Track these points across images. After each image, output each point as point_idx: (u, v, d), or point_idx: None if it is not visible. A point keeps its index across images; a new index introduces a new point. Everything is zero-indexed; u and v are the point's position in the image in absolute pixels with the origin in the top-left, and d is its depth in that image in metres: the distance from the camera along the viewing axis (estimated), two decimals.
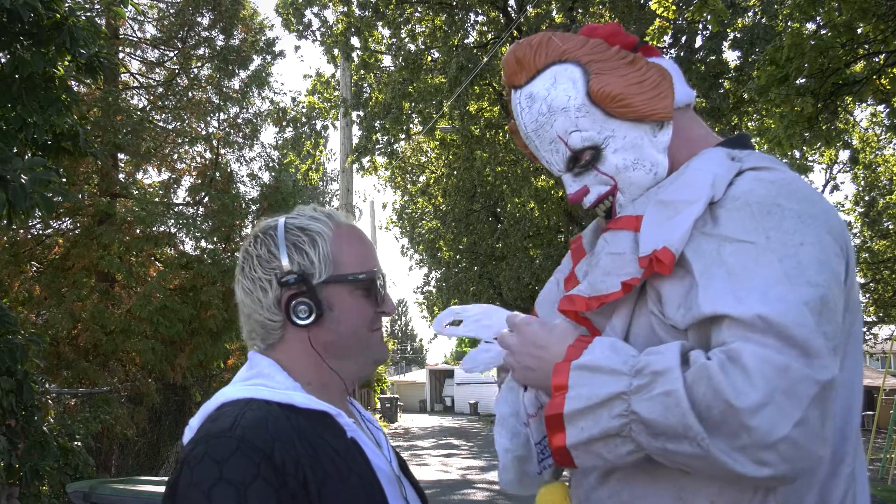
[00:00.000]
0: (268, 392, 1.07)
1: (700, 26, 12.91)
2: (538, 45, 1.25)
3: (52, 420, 6.56)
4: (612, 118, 1.21)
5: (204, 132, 11.68)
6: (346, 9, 15.34)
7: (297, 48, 52.97)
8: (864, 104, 13.66)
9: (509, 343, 1.18)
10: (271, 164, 12.68)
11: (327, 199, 40.26)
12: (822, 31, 7.74)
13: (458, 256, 21.90)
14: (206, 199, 11.03)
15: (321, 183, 35.44)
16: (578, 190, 1.26)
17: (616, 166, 1.21)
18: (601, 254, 1.18)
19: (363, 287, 1.15)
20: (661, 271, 1.05)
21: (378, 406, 29.70)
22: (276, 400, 1.06)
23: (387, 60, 17.15)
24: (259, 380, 1.11)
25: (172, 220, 10.69)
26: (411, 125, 16.51)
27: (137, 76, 12.06)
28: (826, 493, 1.04)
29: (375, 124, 15.10)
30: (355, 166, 16.19)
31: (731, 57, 18.20)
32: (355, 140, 16.59)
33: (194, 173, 11.68)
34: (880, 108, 13.91)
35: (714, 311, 0.97)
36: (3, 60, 4.69)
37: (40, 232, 10.31)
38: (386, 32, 16.20)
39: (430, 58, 15.59)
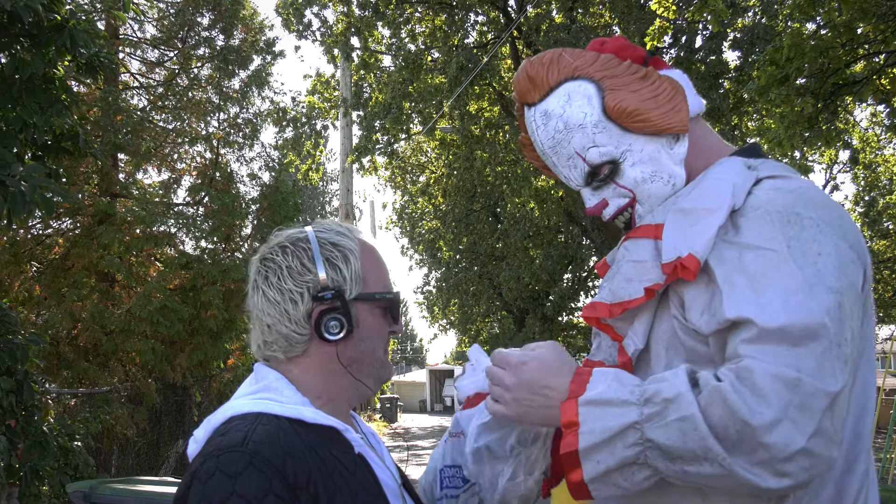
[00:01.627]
0: (277, 407, 1.07)
1: (700, 26, 12.90)
2: (549, 62, 1.26)
3: (52, 420, 6.56)
4: (629, 133, 1.23)
5: (204, 132, 11.68)
6: (346, 9, 15.33)
7: (297, 48, 52.96)
8: (864, 104, 13.66)
9: (505, 381, 1.15)
10: (271, 164, 12.68)
11: (327, 199, 40.27)
12: (822, 32, 7.73)
13: (458, 256, 21.89)
14: (206, 199, 11.02)
15: (321, 183, 35.43)
16: (598, 203, 1.28)
17: (634, 179, 1.24)
18: (622, 262, 1.20)
19: (383, 306, 1.17)
20: (686, 277, 1.07)
21: (378, 406, 29.70)
22: (285, 415, 1.06)
23: (387, 60, 17.15)
24: (267, 394, 1.10)
25: (172, 220, 10.69)
26: (411, 125, 16.50)
27: (137, 76, 12.06)
28: (842, 489, 1.06)
29: (375, 124, 15.09)
30: (355, 166, 16.17)
31: (731, 57, 18.20)
32: (355, 140, 16.57)
33: (194, 173, 11.67)
34: (880, 108, 13.90)
35: (738, 316, 0.99)
36: (3, 61, 4.70)
37: (40, 232, 10.31)
38: (386, 32, 16.20)
39: (430, 58, 15.58)
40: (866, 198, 21.07)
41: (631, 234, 1.23)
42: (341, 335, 1.10)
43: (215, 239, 10.90)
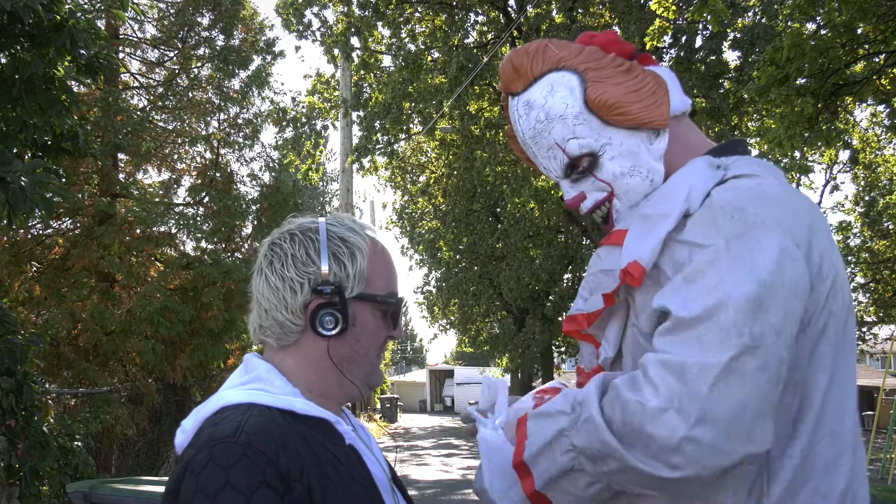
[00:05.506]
0: (268, 398, 1.07)
1: (700, 26, 12.90)
2: (535, 52, 1.26)
3: (52, 420, 6.56)
4: (610, 126, 1.22)
5: (204, 132, 11.68)
6: (346, 9, 15.34)
7: (297, 48, 53.06)
8: (864, 104, 13.66)
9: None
10: (271, 165, 12.68)
11: (327, 199, 40.28)
12: (822, 32, 7.73)
13: (458, 256, 21.89)
14: (207, 199, 11.03)
15: (321, 183, 35.45)
16: (576, 196, 1.28)
17: (613, 173, 1.23)
18: (595, 270, 1.21)
19: (384, 309, 1.16)
20: (632, 283, 1.09)
21: (378, 406, 29.70)
22: (276, 406, 1.06)
23: (387, 60, 17.16)
24: (257, 384, 1.10)
25: (173, 221, 10.69)
26: (411, 125, 16.51)
27: (137, 76, 12.06)
28: (823, 490, 1.05)
29: (375, 124, 15.10)
30: (355, 166, 16.18)
31: (731, 57, 18.19)
32: (355, 140, 16.58)
33: (194, 173, 11.68)
34: (880, 108, 13.91)
35: (660, 306, 1.02)
36: (3, 62, 4.70)
37: (40, 232, 10.31)
38: (386, 32, 16.21)
39: (430, 58, 15.58)
40: (866, 198, 21.06)
41: (604, 241, 1.24)
42: (335, 331, 1.10)
43: (216, 239, 10.90)
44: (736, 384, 0.91)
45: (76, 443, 6.67)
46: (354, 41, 15.71)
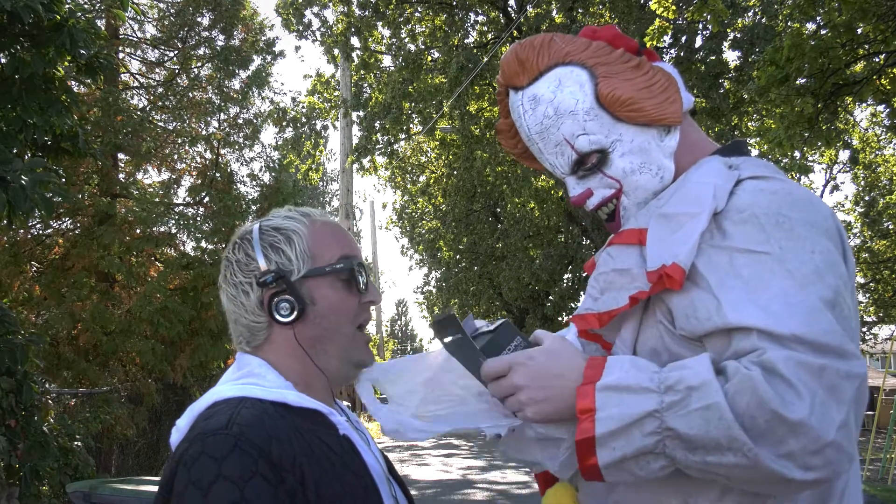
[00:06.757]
0: (260, 391, 1.07)
1: (700, 26, 12.91)
2: (541, 46, 1.24)
3: (52, 420, 6.57)
4: (621, 122, 1.20)
5: (204, 132, 11.68)
6: (346, 9, 15.34)
7: (297, 48, 53.09)
8: (864, 104, 13.67)
9: (516, 382, 1.08)
10: (271, 165, 12.68)
11: (327, 199, 40.32)
12: (822, 32, 7.75)
13: (458, 256, 21.91)
14: (207, 199, 11.03)
15: (321, 183, 35.49)
16: (582, 192, 1.25)
17: (623, 170, 1.21)
18: (606, 270, 1.19)
19: (343, 278, 1.15)
20: (672, 287, 1.05)
21: None
22: (269, 398, 1.06)
23: (387, 60, 17.17)
24: (250, 379, 1.11)
25: (173, 221, 10.69)
26: (411, 125, 16.52)
27: (137, 76, 12.07)
28: (821, 492, 1.06)
29: (375, 124, 15.10)
30: (355, 166, 16.19)
31: (731, 57, 18.21)
32: (355, 140, 16.59)
33: (194, 173, 11.68)
34: (880, 108, 13.92)
35: (740, 323, 0.97)
36: (3, 61, 4.70)
37: (40, 232, 10.32)
38: (386, 32, 16.22)
39: (430, 58, 15.59)
40: (866, 198, 21.07)
41: (615, 240, 1.21)
42: (293, 315, 1.11)
43: (216, 239, 10.89)
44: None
45: (76, 443, 6.67)
46: (354, 41, 15.72)
